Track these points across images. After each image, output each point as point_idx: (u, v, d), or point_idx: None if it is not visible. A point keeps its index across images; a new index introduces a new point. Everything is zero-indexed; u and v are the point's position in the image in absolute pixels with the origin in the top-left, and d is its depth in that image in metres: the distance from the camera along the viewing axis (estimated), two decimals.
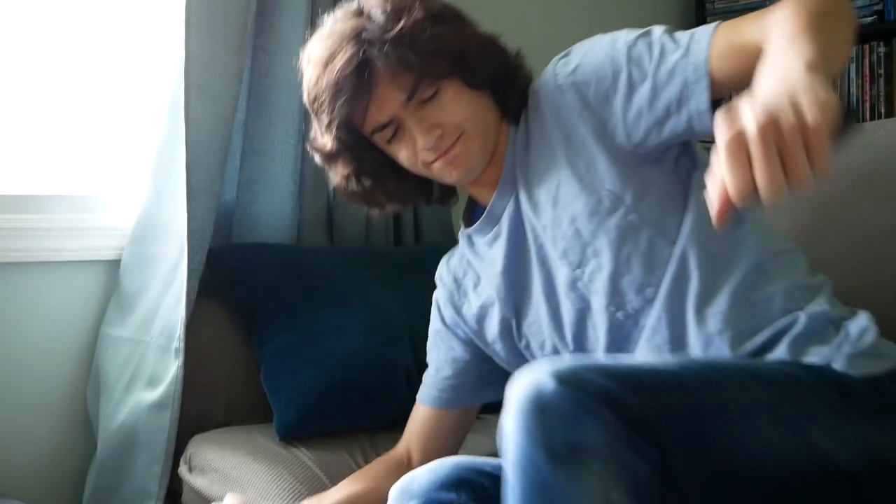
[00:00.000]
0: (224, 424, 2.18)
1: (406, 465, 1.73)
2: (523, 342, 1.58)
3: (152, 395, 2.12)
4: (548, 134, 1.45)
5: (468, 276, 1.65)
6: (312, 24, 2.33)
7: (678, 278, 1.38)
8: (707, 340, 1.35)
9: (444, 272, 1.71)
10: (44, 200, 2.25)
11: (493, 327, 1.60)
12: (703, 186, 1.34)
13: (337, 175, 1.59)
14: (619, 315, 1.42)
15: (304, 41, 2.31)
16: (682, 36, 1.35)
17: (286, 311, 2.18)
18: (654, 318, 1.39)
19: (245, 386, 2.21)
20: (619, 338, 1.44)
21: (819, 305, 1.36)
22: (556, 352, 1.53)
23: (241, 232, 2.35)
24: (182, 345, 2.09)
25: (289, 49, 2.32)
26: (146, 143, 2.29)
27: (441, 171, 1.48)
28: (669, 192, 1.41)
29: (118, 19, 2.34)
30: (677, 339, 1.38)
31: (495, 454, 1.85)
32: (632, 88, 1.36)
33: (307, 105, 1.51)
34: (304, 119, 2.36)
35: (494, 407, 2.23)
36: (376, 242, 2.55)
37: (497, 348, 1.62)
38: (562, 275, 1.47)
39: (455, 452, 1.78)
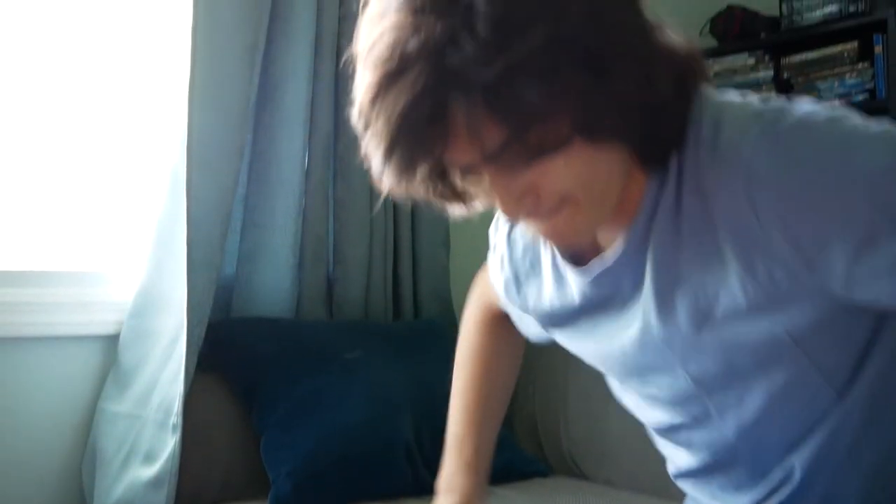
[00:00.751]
0: (221, 501, 2.16)
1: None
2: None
3: (149, 471, 2.10)
4: (720, 248, 1.03)
5: (531, 283, 1.29)
6: (314, 99, 2.38)
7: (833, 438, 1.10)
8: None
9: (505, 258, 1.32)
10: (44, 276, 2.25)
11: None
12: None
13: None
14: (741, 446, 1.15)
15: (305, 117, 2.36)
16: None
17: (286, 384, 2.17)
18: (783, 471, 1.14)
19: (243, 463, 2.19)
20: (725, 456, 1.19)
21: None
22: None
23: (241, 305, 2.35)
24: (179, 420, 2.07)
25: (291, 125, 2.35)
26: (147, 217, 2.30)
27: (532, 232, 1.09)
28: (853, 328, 1.07)
29: (121, 93, 2.37)
30: (805, 489, 1.14)
31: None
32: (869, 244, 0.94)
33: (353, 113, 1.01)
34: (305, 194, 2.38)
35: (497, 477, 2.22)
36: (375, 316, 2.55)
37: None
38: (673, 379, 1.15)
39: None
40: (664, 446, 1.30)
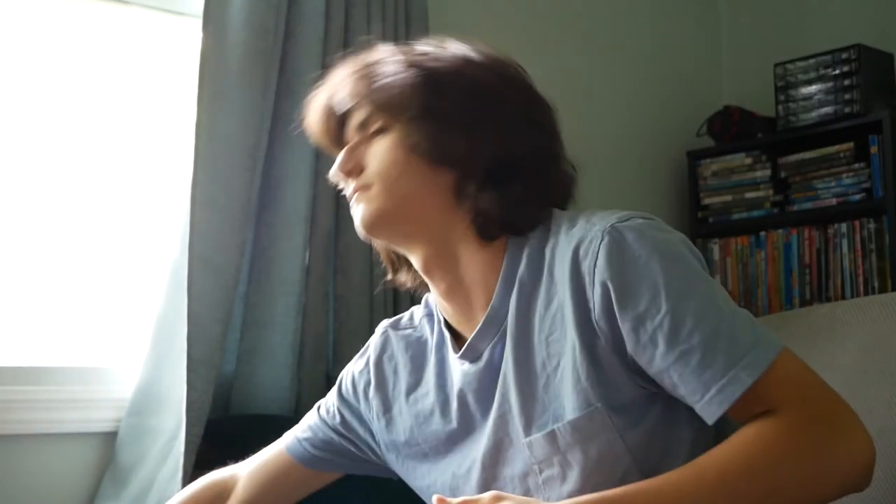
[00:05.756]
0: None
1: (228, 495, 1.56)
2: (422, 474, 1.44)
3: None
4: (564, 316, 1.25)
5: (399, 383, 1.47)
6: (315, 198, 2.40)
7: None
8: None
9: (371, 359, 1.52)
10: (41, 372, 2.24)
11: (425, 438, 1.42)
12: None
13: None
14: None
15: (307, 215, 2.37)
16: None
17: None
18: None
19: None
20: None
21: None
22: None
23: (240, 403, 2.34)
24: None
25: (291, 223, 2.36)
26: (146, 314, 2.30)
27: (352, 209, 1.39)
28: (667, 431, 1.26)
29: (123, 189, 2.39)
30: None
31: None
32: (642, 320, 1.19)
33: None
34: (305, 292, 2.39)
35: None
36: None
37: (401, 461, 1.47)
38: (518, 460, 1.30)
39: None
40: None
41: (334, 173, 1.38)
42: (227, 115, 2.25)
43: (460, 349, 1.36)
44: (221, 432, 2.22)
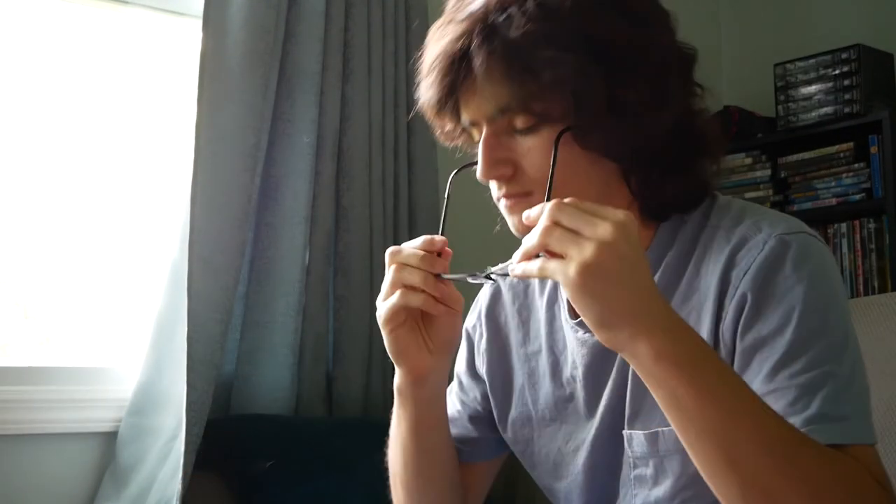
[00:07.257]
0: None
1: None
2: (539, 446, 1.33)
3: None
4: (700, 315, 1.16)
5: (513, 329, 1.36)
6: (315, 198, 2.40)
7: None
8: None
9: (483, 323, 1.38)
10: (41, 372, 2.24)
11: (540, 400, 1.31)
12: None
13: None
14: None
15: (306, 215, 2.38)
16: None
17: (285, 483, 2.15)
18: None
19: None
20: None
21: None
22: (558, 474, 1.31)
23: (241, 403, 2.34)
24: None
25: (292, 223, 2.36)
26: (146, 314, 2.30)
27: (504, 212, 1.19)
28: None
29: (123, 189, 2.39)
30: None
31: None
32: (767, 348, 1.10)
33: None
34: (305, 292, 2.39)
35: None
36: (375, 412, 2.54)
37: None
38: (616, 444, 1.22)
39: None
40: None
41: (482, 176, 1.15)
42: (227, 115, 2.25)
43: (576, 314, 1.24)
44: (221, 432, 2.22)
